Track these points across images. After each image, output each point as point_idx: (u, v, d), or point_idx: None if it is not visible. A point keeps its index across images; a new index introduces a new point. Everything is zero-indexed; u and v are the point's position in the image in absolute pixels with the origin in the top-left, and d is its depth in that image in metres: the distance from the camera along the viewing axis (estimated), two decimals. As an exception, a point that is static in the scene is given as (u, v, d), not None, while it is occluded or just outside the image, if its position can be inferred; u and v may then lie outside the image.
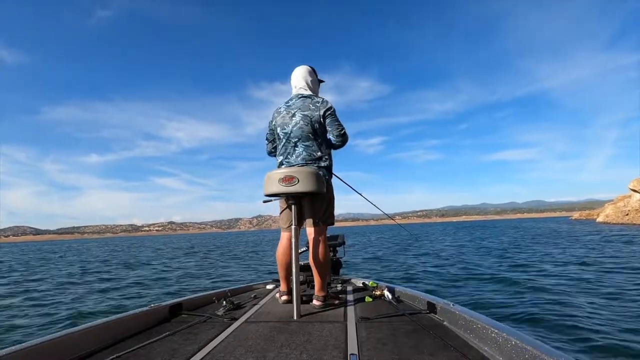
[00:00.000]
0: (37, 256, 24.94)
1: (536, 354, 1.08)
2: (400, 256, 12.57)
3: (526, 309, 4.37)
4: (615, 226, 31.22)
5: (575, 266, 7.95)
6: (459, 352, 1.29)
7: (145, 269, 12.24)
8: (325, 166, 2.16)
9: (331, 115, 2.15)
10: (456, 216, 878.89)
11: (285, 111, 2.21)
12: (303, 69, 2.33)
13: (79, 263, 16.18)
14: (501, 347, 1.25)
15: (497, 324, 1.36)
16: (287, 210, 2.15)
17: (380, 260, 11.45)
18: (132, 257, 19.35)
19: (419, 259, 11.37)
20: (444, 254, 12.25)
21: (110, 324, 1.58)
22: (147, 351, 1.41)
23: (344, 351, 1.35)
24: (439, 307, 1.78)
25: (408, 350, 1.34)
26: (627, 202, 39.07)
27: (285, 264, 2.19)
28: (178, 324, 1.81)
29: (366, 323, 1.72)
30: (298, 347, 1.40)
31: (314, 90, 2.32)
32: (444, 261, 10.21)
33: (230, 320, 1.83)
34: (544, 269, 7.73)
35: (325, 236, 2.16)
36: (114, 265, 13.97)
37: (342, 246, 3.10)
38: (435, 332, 1.53)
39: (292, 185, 1.91)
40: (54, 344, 1.31)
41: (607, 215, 40.21)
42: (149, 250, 27.26)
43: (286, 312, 1.95)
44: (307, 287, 2.58)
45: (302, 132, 2.12)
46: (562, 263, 8.54)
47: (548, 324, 3.76)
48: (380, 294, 2.22)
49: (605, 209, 42.95)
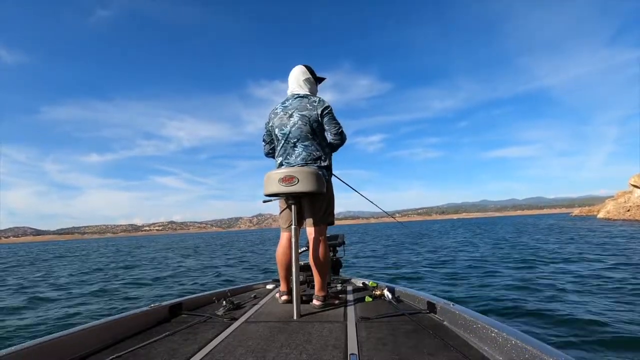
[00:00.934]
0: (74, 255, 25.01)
1: (536, 353, 1.08)
2: (395, 254, 12.50)
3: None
4: (616, 222, 30.91)
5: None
6: (459, 352, 1.29)
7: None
8: (324, 166, 2.15)
9: (328, 115, 2.15)
10: (456, 213, 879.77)
11: (282, 112, 2.20)
12: (299, 69, 2.31)
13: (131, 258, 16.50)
14: (501, 347, 1.25)
15: (497, 324, 1.36)
16: (287, 210, 2.15)
17: (376, 258, 11.43)
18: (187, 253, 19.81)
19: (418, 256, 11.31)
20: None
21: (110, 324, 1.58)
22: (147, 351, 1.41)
23: (343, 351, 1.35)
24: (439, 307, 1.78)
25: (408, 350, 1.34)
26: (628, 198, 38.98)
27: (285, 264, 2.19)
28: (178, 324, 1.81)
29: (366, 323, 1.72)
30: (298, 347, 1.40)
31: (311, 89, 2.31)
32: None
33: (230, 320, 1.83)
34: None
35: (325, 236, 2.16)
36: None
37: (342, 246, 3.10)
38: (435, 332, 1.53)
39: (292, 185, 1.91)
40: (54, 344, 1.31)
41: (608, 212, 40.10)
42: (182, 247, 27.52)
43: (286, 312, 1.95)
44: (307, 287, 2.58)
45: (301, 132, 2.12)
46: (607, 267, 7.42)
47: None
48: (380, 293, 2.22)
49: (606, 205, 42.84)
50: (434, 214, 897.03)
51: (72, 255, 23.90)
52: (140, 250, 26.47)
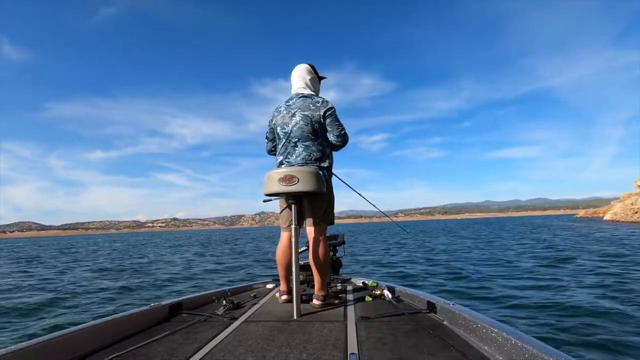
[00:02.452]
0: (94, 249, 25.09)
1: (536, 353, 1.08)
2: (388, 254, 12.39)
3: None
4: (623, 225, 29.75)
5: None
6: (459, 352, 1.29)
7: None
8: (325, 166, 2.15)
9: (331, 116, 2.14)
10: (459, 214, 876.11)
11: (286, 110, 2.20)
12: (302, 68, 2.31)
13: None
14: (501, 347, 1.25)
15: (497, 324, 1.35)
16: (287, 209, 2.15)
17: (373, 260, 11.32)
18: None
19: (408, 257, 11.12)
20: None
21: (110, 323, 1.58)
22: (147, 351, 1.41)
23: (343, 351, 1.35)
24: (439, 307, 1.77)
25: (408, 350, 1.34)
26: (635, 199, 38.37)
27: (285, 264, 2.19)
28: (178, 323, 1.81)
29: (366, 322, 1.72)
30: (298, 347, 1.40)
31: (313, 88, 2.30)
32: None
33: (230, 320, 1.83)
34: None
35: (325, 236, 2.16)
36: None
37: (342, 245, 3.10)
38: (435, 331, 1.52)
39: (292, 185, 1.90)
40: (54, 344, 1.31)
41: (615, 214, 39.53)
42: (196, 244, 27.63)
43: (286, 312, 1.95)
44: (307, 286, 2.58)
45: (302, 132, 2.11)
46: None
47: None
48: (380, 293, 2.21)
49: (613, 207, 42.27)
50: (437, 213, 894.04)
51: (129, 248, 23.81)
52: (179, 242, 26.42)
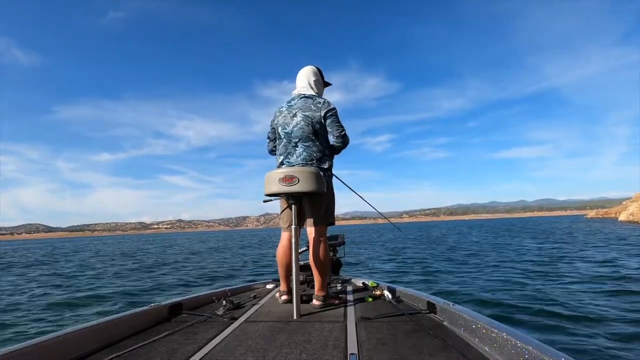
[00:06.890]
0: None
1: (536, 354, 1.07)
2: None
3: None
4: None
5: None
6: (459, 352, 1.28)
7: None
8: (325, 167, 2.16)
9: (332, 117, 2.14)
10: (465, 214, 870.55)
11: (287, 111, 2.21)
12: (308, 69, 2.33)
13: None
14: (501, 347, 1.24)
15: (497, 324, 1.34)
16: (288, 210, 2.15)
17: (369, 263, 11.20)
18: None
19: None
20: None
21: (110, 323, 1.59)
22: (147, 351, 1.42)
23: (343, 351, 1.35)
24: (439, 307, 1.77)
25: (408, 350, 1.33)
26: (652, 199, 37.57)
27: (286, 264, 2.19)
28: (178, 323, 1.82)
29: (366, 323, 1.72)
30: (298, 347, 1.40)
31: (317, 90, 2.31)
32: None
33: (230, 320, 1.83)
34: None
35: (326, 236, 2.16)
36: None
37: (342, 246, 3.10)
38: (435, 332, 1.52)
39: (293, 185, 1.91)
40: (54, 344, 1.32)
41: (631, 214, 38.82)
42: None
43: (286, 312, 1.96)
44: (307, 286, 2.58)
45: (303, 132, 2.12)
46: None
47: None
48: (380, 294, 2.21)
49: (628, 207, 41.56)
50: (442, 214, 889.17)
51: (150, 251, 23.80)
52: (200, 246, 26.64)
